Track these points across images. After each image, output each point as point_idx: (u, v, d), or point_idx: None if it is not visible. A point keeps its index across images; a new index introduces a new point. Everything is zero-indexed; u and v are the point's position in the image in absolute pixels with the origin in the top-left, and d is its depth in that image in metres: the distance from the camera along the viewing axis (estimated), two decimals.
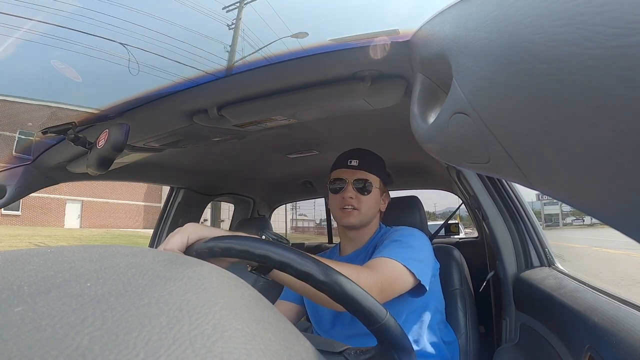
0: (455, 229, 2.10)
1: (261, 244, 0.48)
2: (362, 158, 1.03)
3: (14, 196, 1.01)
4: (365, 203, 1.01)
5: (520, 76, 0.21)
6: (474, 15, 0.28)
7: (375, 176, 1.03)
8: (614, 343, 0.54)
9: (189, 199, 1.78)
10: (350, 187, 1.01)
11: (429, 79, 0.44)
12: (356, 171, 1.02)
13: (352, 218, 1.00)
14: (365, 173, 1.02)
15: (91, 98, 0.84)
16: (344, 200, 1.00)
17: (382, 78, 0.74)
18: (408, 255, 0.83)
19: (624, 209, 0.18)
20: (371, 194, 1.02)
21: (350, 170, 1.02)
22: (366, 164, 1.03)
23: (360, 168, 1.02)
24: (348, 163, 1.03)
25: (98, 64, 0.72)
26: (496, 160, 0.27)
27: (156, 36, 0.68)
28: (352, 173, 1.02)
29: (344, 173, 1.03)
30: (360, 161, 1.02)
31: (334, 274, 0.46)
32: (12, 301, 0.17)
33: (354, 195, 1.00)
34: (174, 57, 0.71)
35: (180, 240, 0.56)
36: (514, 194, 1.21)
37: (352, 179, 1.01)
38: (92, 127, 0.87)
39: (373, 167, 1.04)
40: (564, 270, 1.02)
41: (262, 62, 0.69)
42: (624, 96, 0.15)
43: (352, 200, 1.00)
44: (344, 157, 1.05)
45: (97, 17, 0.67)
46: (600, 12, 0.16)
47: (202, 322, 0.18)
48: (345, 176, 1.02)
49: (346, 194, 1.00)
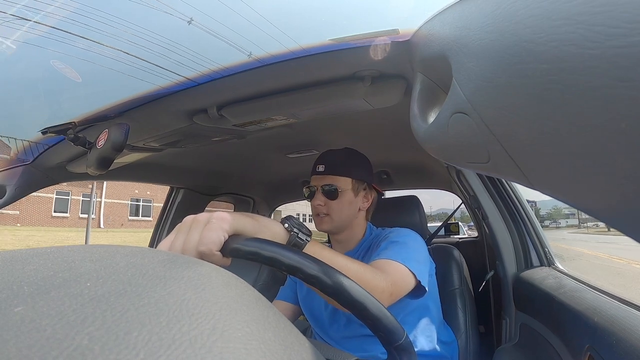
0: (455, 229, 2.10)
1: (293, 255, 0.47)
2: (328, 162, 1.01)
3: (14, 196, 1.01)
4: (335, 208, 0.99)
5: (520, 76, 0.21)
6: (474, 15, 0.28)
7: (346, 177, 1.00)
8: (613, 343, 0.54)
9: (189, 199, 1.78)
10: (319, 194, 0.99)
11: (429, 79, 0.44)
12: (323, 176, 1.00)
13: (324, 224, 1.00)
14: (333, 177, 0.99)
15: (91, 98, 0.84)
16: (315, 207, 1.00)
17: (382, 78, 0.74)
18: (408, 256, 0.82)
19: (624, 208, 0.18)
20: (340, 197, 0.99)
21: (318, 176, 1.00)
22: (332, 168, 1.00)
23: (327, 173, 0.99)
24: (317, 169, 1.01)
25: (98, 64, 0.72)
26: (496, 160, 0.27)
27: (156, 36, 0.68)
28: (320, 179, 1.00)
29: (314, 180, 1.02)
30: (326, 165, 1.00)
31: (363, 295, 0.45)
32: (12, 301, 0.17)
33: (322, 201, 0.99)
34: (173, 57, 0.71)
35: (218, 240, 0.49)
36: (514, 194, 1.21)
37: (319, 185, 1.00)
38: (91, 127, 0.87)
39: (341, 169, 1.00)
40: (564, 270, 1.02)
41: (262, 62, 0.69)
42: (624, 96, 0.15)
43: (321, 208, 0.99)
44: (315, 163, 1.03)
45: (96, 17, 0.67)
46: (600, 12, 0.16)
47: (202, 322, 0.18)
48: (314, 183, 1.01)
49: (314, 201, 0.99)
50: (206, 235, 0.49)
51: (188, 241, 0.50)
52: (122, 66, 0.71)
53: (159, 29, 0.67)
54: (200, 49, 0.70)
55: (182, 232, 0.52)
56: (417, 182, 2.03)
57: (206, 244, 0.48)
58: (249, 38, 0.66)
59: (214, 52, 0.70)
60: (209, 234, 0.49)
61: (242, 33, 0.66)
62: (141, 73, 0.73)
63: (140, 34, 0.68)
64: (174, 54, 0.70)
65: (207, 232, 0.49)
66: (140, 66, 0.71)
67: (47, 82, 0.81)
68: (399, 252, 0.83)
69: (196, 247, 0.49)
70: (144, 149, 1.10)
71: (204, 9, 0.63)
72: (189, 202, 1.79)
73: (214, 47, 0.68)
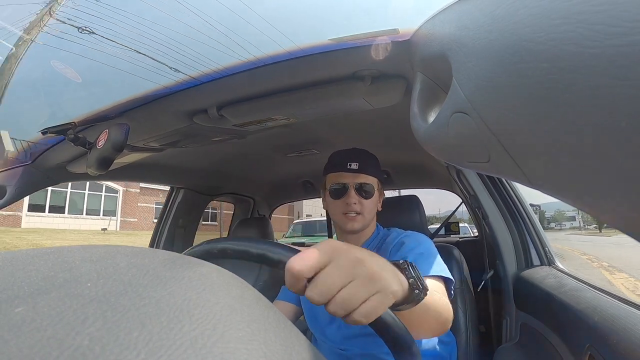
0: (455, 228, 2.10)
1: None
2: (362, 160, 1.01)
3: (14, 196, 1.01)
4: (368, 207, 0.99)
5: (520, 75, 0.21)
6: (474, 14, 0.28)
7: (375, 177, 1.01)
8: (614, 342, 0.54)
9: (189, 199, 1.78)
10: (353, 192, 0.98)
11: (429, 79, 0.44)
12: (357, 175, 0.99)
13: (356, 224, 0.98)
14: (367, 176, 0.99)
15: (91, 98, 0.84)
16: (348, 206, 0.97)
17: (382, 77, 0.74)
18: (440, 267, 0.85)
19: (624, 208, 0.18)
20: (372, 197, 1.00)
21: (351, 174, 0.99)
22: (366, 167, 1.00)
23: (362, 171, 0.99)
24: (348, 166, 0.99)
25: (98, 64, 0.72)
26: (496, 160, 0.27)
27: (156, 36, 0.68)
28: (353, 177, 0.99)
29: (345, 177, 0.99)
30: (360, 164, 0.99)
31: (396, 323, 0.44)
32: (12, 302, 0.17)
33: (357, 200, 0.98)
34: (173, 57, 0.71)
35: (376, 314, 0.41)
36: (514, 194, 1.21)
37: (353, 183, 0.98)
38: (92, 127, 0.87)
39: (372, 169, 1.02)
40: (564, 269, 1.02)
41: (262, 62, 0.69)
42: (624, 95, 0.15)
43: (356, 206, 0.97)
44: (342, 159, 1.02)
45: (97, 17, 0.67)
46: (600, 10, 0.16)
47: (203, 322, 0.18)
48: (346, 180, 0.99)
49: (350, 199, 0.97)
50: (373, 307, 0.39)
51: (353, 296, 0.39)
52: (122, 66, 0.71)
53: (159, 29, 0.67)
54: (200, 49, 0.70)
55: (341, 269, 0.39)
56: (417, 181, 2.03)
57: (367, 315, 0.39)
58: (249, 38, 0.66)
59: (214, 52, 0.70)
60: (377, 306, 0.40)
61: (242, 33, 0.66)
62: (141, 73, 0.73)
63: (140, 34, 0.68)
64: (174, 54, 0.70)
65: (377, 303, 0.40)
66: (140, 66, 0.71)
67: (47, 82, 0.81)
68: (433, 264, 0.85)
69: (354, 308, 0.39)
70: (144, 149, 1.10)
71: (204, 9, 0.63)
72: (189, 202, 1.79)
73: (214, 47, 0.68)
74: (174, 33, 0.67)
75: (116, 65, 0.73)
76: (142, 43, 0.69)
